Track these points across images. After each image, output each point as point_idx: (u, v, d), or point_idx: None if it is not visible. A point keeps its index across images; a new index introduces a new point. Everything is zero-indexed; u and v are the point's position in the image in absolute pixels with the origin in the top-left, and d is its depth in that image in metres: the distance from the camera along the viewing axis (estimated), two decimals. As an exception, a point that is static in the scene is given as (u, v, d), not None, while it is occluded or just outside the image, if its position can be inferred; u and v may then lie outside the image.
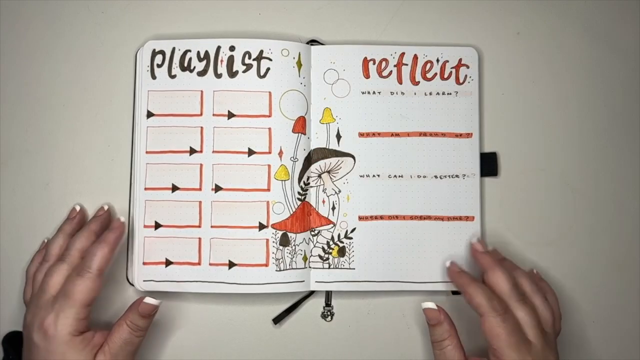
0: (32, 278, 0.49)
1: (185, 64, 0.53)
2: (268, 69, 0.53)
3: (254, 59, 0.53)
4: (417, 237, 0.53)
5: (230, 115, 0.53)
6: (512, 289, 0.47)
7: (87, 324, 0.47)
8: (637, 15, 0.56)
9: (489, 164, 0.54)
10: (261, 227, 0.52)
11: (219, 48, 0.53)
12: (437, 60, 0.55)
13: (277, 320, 0.53)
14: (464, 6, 0.56)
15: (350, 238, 0.53)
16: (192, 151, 0.53)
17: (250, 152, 0.52)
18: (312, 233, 0.53)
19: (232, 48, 0.53)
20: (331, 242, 0.53)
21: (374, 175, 0.54)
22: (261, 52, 0.53)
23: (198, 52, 0.53)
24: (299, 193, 0.53)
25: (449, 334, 0.48)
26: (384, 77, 0.54)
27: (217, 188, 0.52)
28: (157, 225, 0.52)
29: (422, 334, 0.53)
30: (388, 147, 0.54)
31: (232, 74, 0.53)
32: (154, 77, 0.53)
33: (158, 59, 0.53)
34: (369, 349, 0.53)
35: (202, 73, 0.53)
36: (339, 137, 0.54)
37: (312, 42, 0.55)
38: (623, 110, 0.56)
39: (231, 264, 0.51)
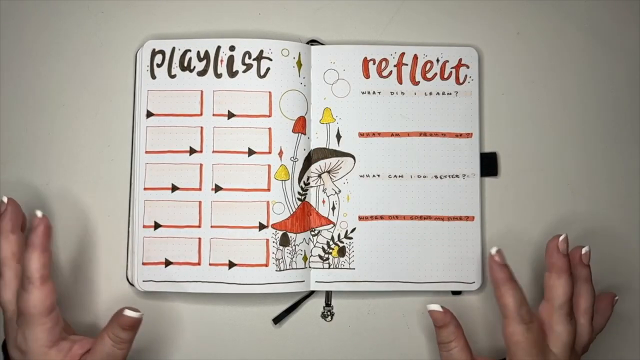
0: None
1: (185, 64, 0.53)
2: (268, 69, 0.53)
3: (254, 59, 0.53)
4: (417, 237, 0.53)
5: (230, 115, 0.53)
6: (568, 302, 0.46)
7: (60, 330, 0.45)
8: (637, 15, 0.56)
9: (489, 164, 0.54)
10: (261, 227, 0.52)
11: (219, 48, 0.53)
12: (437, 60, 0.55)
13: (277, 320, 0.53)
14: (464, 6, 0.56)
15: (350, 238, 0.53)
16: (192, 151, 0.53)
17: (250, 152, 0.52)
18: (312, 233, 0.53)
19: (232, 48, 0.53)
20: (331, 242, 0.53)
21: (374, 175, 0.54)
22: (261, 52, 0.53)
23: (198, 52, 0.53)
24: (299, 193, 0.53)
25: (456, 336, 0.47)
26: (384, 77, 0.54)
27: (217, 188, 0.52)
28: (157, 226, 0.52)
29: (422, 334, 0.53)
30: (388, 147, 0.54)
31: (232, 73, 0.53)
32: (153, 76, 0.53)
33: (158, 58, 0.53)
34: (369, 349, 0.53)
35: (202, 73, 0.53)
36: (339, 137, 0.54)
37: (312, 42, 0.55)
38: (623, 110, 0.56)
39: (231, 264, 0.51)
